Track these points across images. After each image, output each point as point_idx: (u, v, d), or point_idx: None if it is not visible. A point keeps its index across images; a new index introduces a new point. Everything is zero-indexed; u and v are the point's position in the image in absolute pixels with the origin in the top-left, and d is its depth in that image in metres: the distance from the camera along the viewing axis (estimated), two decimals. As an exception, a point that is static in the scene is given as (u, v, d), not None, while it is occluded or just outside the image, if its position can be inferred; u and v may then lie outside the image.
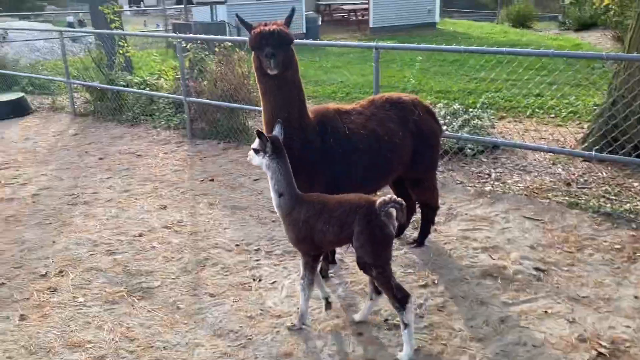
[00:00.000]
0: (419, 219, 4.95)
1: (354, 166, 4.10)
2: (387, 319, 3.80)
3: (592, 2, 16.36)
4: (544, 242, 4.80)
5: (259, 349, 3.56)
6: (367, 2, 23.00)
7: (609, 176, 6.03)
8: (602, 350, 3.41)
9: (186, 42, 8.80)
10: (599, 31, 19.12)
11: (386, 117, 4.30)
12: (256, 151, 3.43)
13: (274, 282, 4.33)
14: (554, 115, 8.62)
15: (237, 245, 4.98)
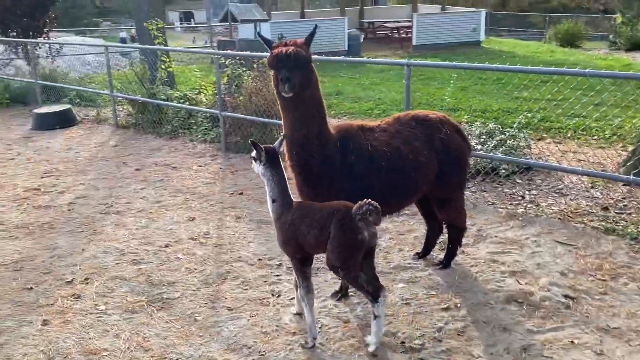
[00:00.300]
0: (446, 239, 4.84)
1: (376, 184, 4.04)
2: (404, 342, 3.70)
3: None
4: (576, 268, 4.59)
5: (271, 366, 3.52)
6: (411, 20, 22.97)
7: (651, 202, 5.76)
8: (630, 386, 3.22)
9: (224, 58, 8.96)
10: (651, 51, 18.48)
11: (411, 134, 4.23)
12: (254, 159, 3.66)
13: (292, 299, 4.28)
14: (597, 137, 8.32)
15: (259, 259, 4.98)
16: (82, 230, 5.78)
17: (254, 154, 3.65)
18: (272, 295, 4.37)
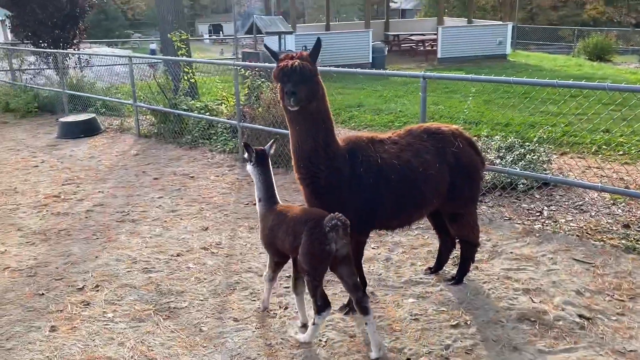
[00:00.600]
0: (459, 255, 4.74)
1: (385, 197, 3.99)
2: (409, 358, 3.63)
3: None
4: (593, 287, 4.45)
5: (272, 379, 3.48)
6: (436, 32, 22.88)
7: (676, 220, 5.57)
8: (644, 412, 3.09)
9: (245, 70, 9.03)
10: (684, 65, 18.00)
11: (422, 147, 4.17)
12: (245, 160, 3.95)
13: (297, 312, 4.24)
14: (622, 152, 8.10)
15: (269, 270, 4.95)
16: (97, 237, 5.84)
17: (245, 155, 3.96)
18: (280, 307, 4.33)
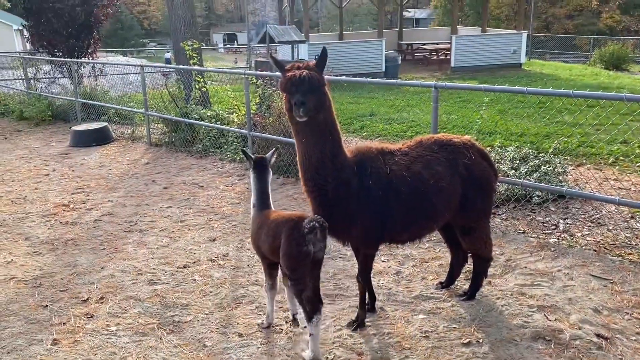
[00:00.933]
0: (472, 269, 4.60)
1: (395, 210, 3.88)
2: (418, 379, 3.49)
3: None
4: (611, 305, 4.28)
5: (276, 399, 3.37)
6: (450, 41, 22.76)
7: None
8: None
9: (256, 78, 8.98)
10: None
11: (433, 159, 4.06)
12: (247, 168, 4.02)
13: (305, 327, 4.12)
14: (640, 164, 7.90)
15: (276, 284, 4.84)
16: (103, 247, 5.78)
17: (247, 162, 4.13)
18: (285, 322, 4.22)
